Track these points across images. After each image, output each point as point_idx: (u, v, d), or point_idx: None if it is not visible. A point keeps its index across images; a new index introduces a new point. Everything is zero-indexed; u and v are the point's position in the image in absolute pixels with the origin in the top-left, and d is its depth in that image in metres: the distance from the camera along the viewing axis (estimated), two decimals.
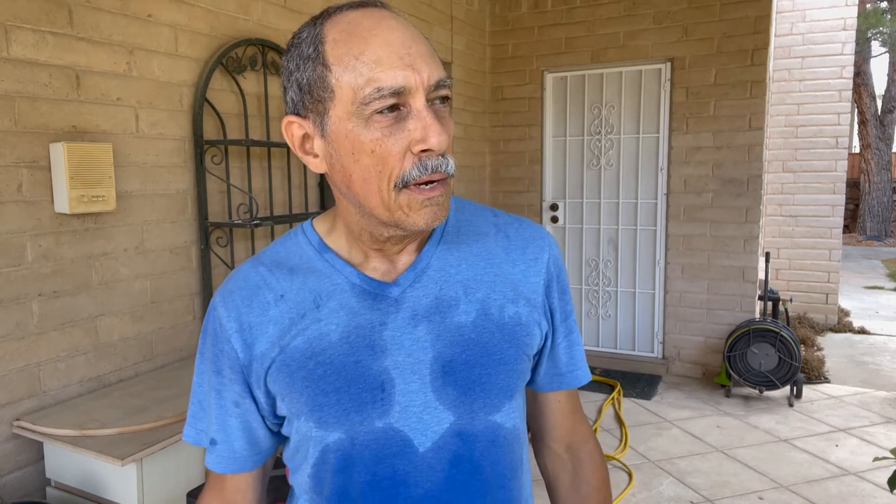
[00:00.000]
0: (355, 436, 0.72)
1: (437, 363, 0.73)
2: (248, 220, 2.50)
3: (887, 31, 10.78)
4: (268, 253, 0.81)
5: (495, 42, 4.72)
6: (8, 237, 1.84)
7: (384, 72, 0.64)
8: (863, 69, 10.73)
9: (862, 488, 2.82)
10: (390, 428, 0.72)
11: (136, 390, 2.06)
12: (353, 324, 0.73)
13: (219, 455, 0.79)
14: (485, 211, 0.85)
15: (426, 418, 0.73)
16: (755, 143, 4.04)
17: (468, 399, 0.74)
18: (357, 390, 0.72)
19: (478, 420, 0.75)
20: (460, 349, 0.74)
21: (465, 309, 0.75)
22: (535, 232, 0.83)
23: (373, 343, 0.73)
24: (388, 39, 0.65)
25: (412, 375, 0.73)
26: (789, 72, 5.58)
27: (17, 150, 1.85)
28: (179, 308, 2.40)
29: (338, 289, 0.75)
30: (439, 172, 0.67)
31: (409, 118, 0.65)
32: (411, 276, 0.75)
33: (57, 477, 1.86)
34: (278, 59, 2.81)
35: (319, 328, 0.73)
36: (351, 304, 0.74)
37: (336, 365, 0.72)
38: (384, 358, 0.72)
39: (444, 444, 0.73)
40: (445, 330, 0.74)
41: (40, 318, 1.93)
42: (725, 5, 4.03)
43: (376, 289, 0.75)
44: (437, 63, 0.68)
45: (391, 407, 0.72)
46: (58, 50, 1.94)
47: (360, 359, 0.72)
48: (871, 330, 5.56)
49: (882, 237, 11.61)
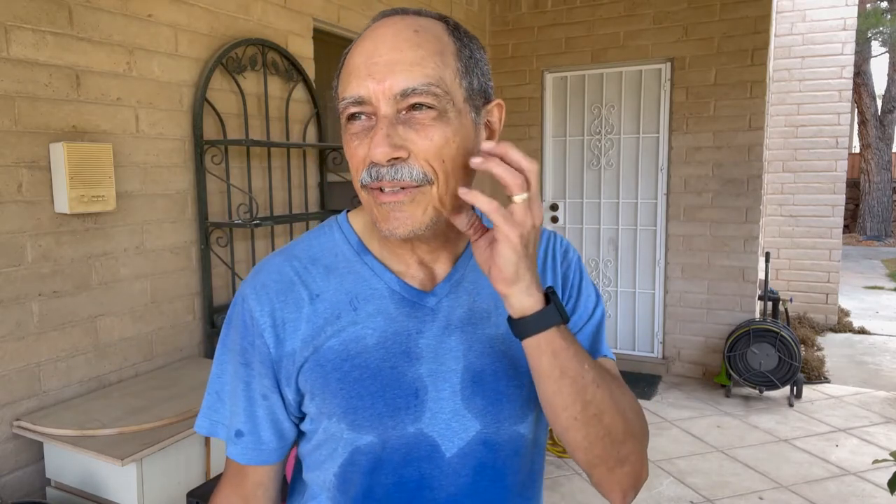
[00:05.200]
0: (387, 440, 0.74)
1: (467, 373, 0.75)
2: (248, 220, 2.50)
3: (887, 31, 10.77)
4: (301, 246, 0.80)
5: (495, 42, 4.72)
6: (8, 237, 1.84)
7: (350, 81, 0.68)
8: (863, 69, 10.73)
9: (862, 488, 2.82)
10: (420, 433, 0.74)
11: (136, 390, 2.06)
12: (390, 330, 0.74)
13: (245, 446, 0.78)
14: None
15: (454, 425, 0.75)
16: (755, 143, 4.04)
17: (495, 409, 0.76)
18: (392, 396, 0.73)
19: (503, 430, 0.77)
20: (490, 360, 0.76)
21: (496, 321, 0.77)
22: (557, 240, 0.86)
23: (409, 350, 0.74)
24: (365, 48, 0.69)
25: (443, 383, 0.75)
26: (789, 72, 5.57)
27: (17, 150, 1.85)
28: (179, 308, 2.40)
29: (376, 294, 0.76)
30: (390, 181, 0.67)
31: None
32: (447, 287, 0.77)
33: (57, 477, 1.86)
34: (278, 59, 2.81)
35: (356, 331, 0.74)
36: (389, 310, 0.75)
37: (372, 369, 0.73)
38: (419, 365, 0.74)
39: (469, 450, 0.76)
40: (477, 341, 0.76)
41: (40, 318, 1.93)
42: (725, 5, 4.03)
43: (415, 297, 0.76)
44: (410, 71, 0.66)
45: (423, 413, 0.74)
46: (58, 50, 1.94)
47: (396, 364, 0.74)
48: (871, 330, 5.56)
49: (882, 237, 11.61)
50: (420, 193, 0.68)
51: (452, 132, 0.68)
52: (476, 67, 0.72)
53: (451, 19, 0.75)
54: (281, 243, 2.88)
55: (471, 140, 0.70)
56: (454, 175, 0.69)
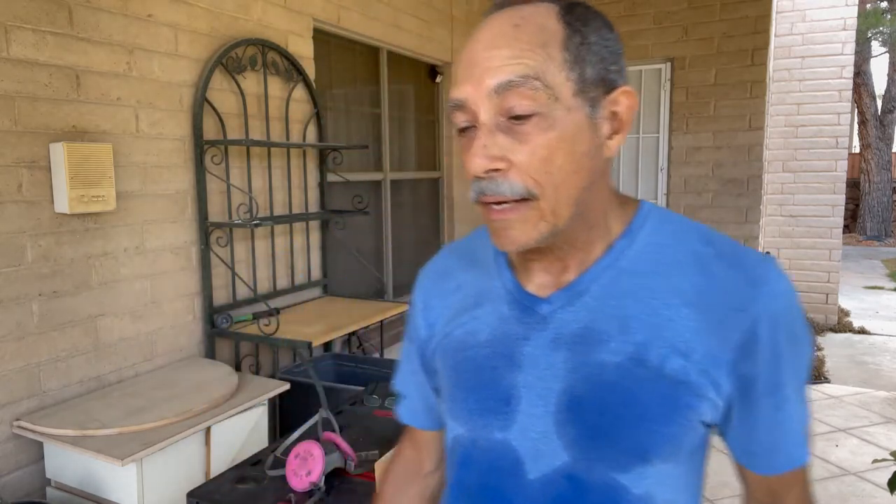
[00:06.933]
0: (476, 439, 0.73)
1: (564, 395, 0.67)
2: (248, 220, 2.50)
3: (887, 31, 10.78)
4: (468, 238, 0.84)
5: None
6: (8, 237, 1.84)
7: (453, 86, 0.65)
8: (863, 69, 10.73)
9: (862, 488, 2.82)
10: (507, 443, 0.70)
11: (136, 390, 2.06)
12: (499, 330, 0.72)
13: (405, 408, 0.89)
14: (692, 233, 0.70)
15: (542, 448, 0.68)
16: (755, 143, 4.04)
17: (589, 446, 0.66)
18: (484, 396, 0.71)
19: (595, 472, 0.66)
20: (594, 389, 0.66)
21: (615, 349, 0.66)
22: (753, 274, 0.65)
23: (511, 355, 0.70)
24: (467, 51, 0.64)
25: (538, 399, 0.68)
26: (789, 72, 5.58)
27: (17, 150, 1.85)
28: (179, 308, 2.40)
29: (495, 292, 0.74)
30: (492, 195, 0.63)
31: None
32: (564, 297, 0.69)
33: (57, 477, 1.86)
34: (278, 59, 2.81)
35: (474, 325, 0.75)
36: (502, 310, 0.73)
37: (475, 365, 0.73)
38: (517, 373, 0.70)
39: (553, 480, 0.68)
40: (584, 364, 0.67)
41: (40, 318, 1.93)
42: (725, 5, 4.03)
43: (527, 301, 0.71)
44: (504, 67, 0.61)
45: (512, 424, 0.70)
46: (58, 50, 1.94)
47: (497, 366, 0.71)
48: (871, 330, 5.56)
49: (882, 237, 11.60)
50: (526, 208, 0.63)
51: (558, 137, 0.61)
52: (590, 54, 0.63)
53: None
54: (281, 243, 2.89)
55: (585, 140, 0.63)
56: (566, 184, 0.63)
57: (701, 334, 0.64)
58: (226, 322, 2.48)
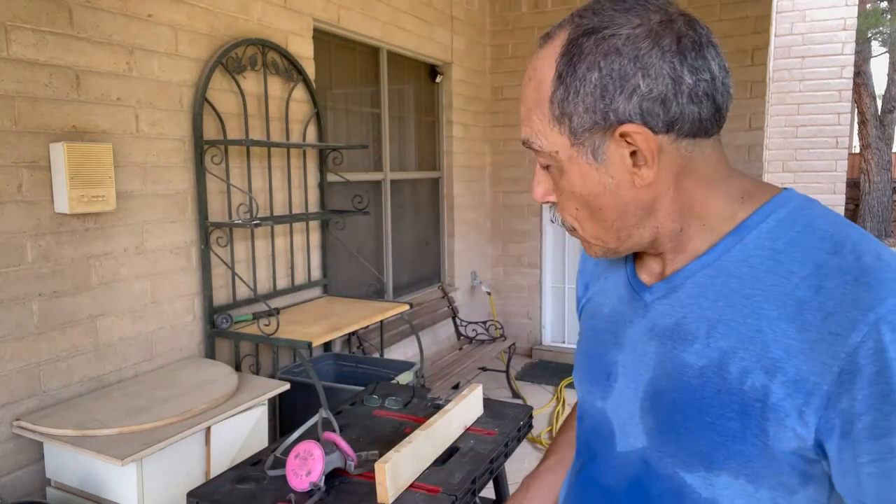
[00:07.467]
0: (586, 400, 0.80)
1: (650, 386, 0.69)
2: (248, 220, 2.50)
3: (887, 31, 10.78)
4: None
5: (495, 42, 4.71)
6: (8, 237, 1.84)
7: None
8: (863, 69, 10.73)
9: None
10: (605, 414, 0.76)
11: (136, 390, 2.06)
12: (616, 308, 0.77)
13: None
14: (824, 240, 0.61)
15: (628, 427, 0.71)
16: (755, 144, 4.04)
17: (660, 437, 0.67)
18: (593, 365, 0.78)
19: (664, 463, 0.67)
20: (674, 386, 0.66)
21: (699, 351, 0.64)
22: (870, 295, 0.55)
23: (618, 333, 0.75)
24: None
25: (630, 382, 0.72)
26: (789, 72, 5.57)
27: (17, 150, 1.85)
28: (179, 308, 2.40)
29: (619, 273, 0.79)
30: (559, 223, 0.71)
31: None
32: (663, 289, 0.70)
33: (57, 477, 1.86)
34: (278, 59, 2.81)
35: (602, 298, 0.81)
36: (620, 290, 0.78)
37: (594, 335, 0.79)
38: (619, 352, 0.74)
39: (632, 460, 0.71)
40: (669, 360, 0.67)
41: (40, 318, 1.93)
42: (725, 5, 4.03)
43: (636, 286, 0.75)
44: (528, 120, 0.67)
45: (609, 397, 0.75)
46: (58, 50, 1.94)
47: (606, 340, 0.77)
48: None
49: (882, 237, 11.60)
50: (578, 235, 0.72)
51: (569, 184, 0.67)
52: (576, 103, 0.62)
53: (583, 21, 0.63)
54: (281, 243, 2.89)
55: (594, 183, 0.65)
56: (594, 222, 0.69)
57: (795, 355, 0.57)
58: (226, 322, 2.48)
